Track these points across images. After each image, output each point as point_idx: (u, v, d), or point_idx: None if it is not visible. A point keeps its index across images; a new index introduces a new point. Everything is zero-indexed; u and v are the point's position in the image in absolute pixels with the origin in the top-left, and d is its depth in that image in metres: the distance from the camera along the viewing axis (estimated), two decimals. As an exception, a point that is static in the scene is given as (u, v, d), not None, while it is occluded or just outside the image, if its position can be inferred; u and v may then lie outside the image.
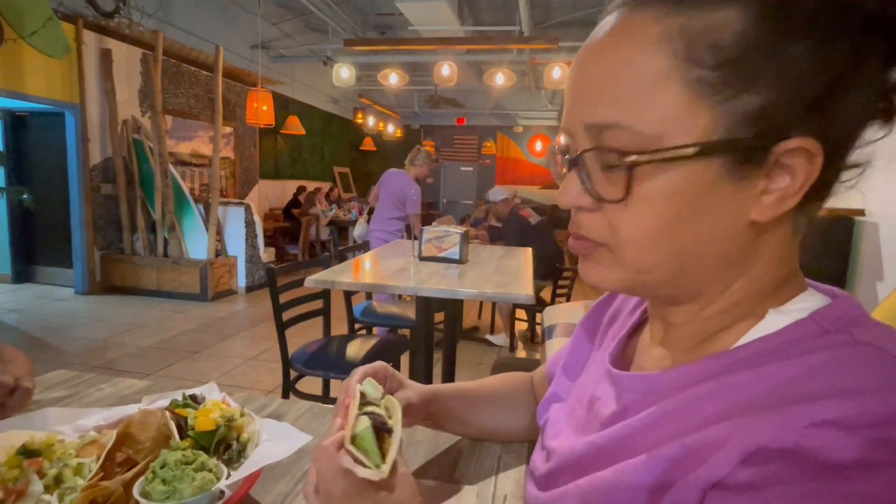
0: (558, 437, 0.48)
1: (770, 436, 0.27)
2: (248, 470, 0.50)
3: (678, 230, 0.33)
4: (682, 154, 0.30)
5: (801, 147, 0.30)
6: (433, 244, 2.27)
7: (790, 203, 0.31)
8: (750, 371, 0.33)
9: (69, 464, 0.47)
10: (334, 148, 10.44)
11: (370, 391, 0.48)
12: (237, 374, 3.09)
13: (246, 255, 5.19)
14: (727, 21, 0.29)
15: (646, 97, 0.31)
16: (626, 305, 0.54)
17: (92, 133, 4.67)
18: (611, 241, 0.35)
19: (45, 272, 5.09)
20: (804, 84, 0.29)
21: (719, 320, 0.37)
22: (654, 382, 0.39)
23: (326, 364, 1.88)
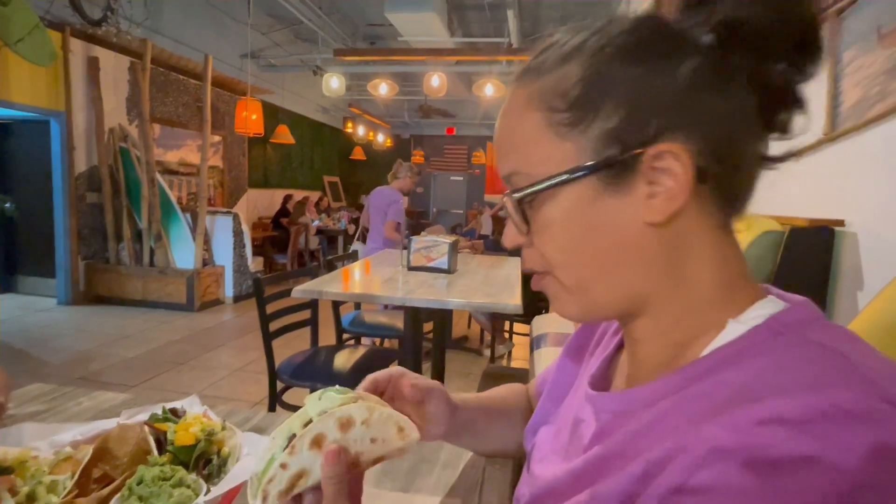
0: (543, 462, 0.48)
1: (720, 439, 0.28)
2: (227, 485, 0.49)
3: (587, 245, 0.37)
4: (558, 181, 0.36)
5: (665, 150, 0.34)
6: (422, 254, 2.27)
7: (679, 200, 0.34)
8: (708, 380, 0.34)
9: (42, 481, 0.46)
10: (324, 157, 10.43)
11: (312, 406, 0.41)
12: (223, 385, 3.05)
13: (234, 265, 5.14)
14: (568, 74, 0.36)
15: (529, 147, 0.38)
16: (611, 326, 0.54)
17: (78, 141, 4.62)
18: (547, 266, 0.40)
19: (28, 282, 5.00)
20: (650, 100, 0.34)
21: (679, 332, 0.39)
22: (625, 401, 0.40)
23: (314, 375, 1.86)
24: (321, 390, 0.43)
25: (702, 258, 0.37)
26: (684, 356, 0.38)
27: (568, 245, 0.38)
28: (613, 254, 0.37)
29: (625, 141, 0.34)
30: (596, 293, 0.38)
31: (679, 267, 0.37)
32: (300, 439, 0.38)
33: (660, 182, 0.35)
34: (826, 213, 1.28)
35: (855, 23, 1.22)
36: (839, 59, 1.27)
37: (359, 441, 0.40)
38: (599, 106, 0.35)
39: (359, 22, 6.82)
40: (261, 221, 7.51)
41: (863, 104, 1.16)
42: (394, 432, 0.42)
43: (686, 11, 0.36)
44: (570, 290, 0.39)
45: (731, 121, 0.35)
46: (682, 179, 0.34)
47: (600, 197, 0.36)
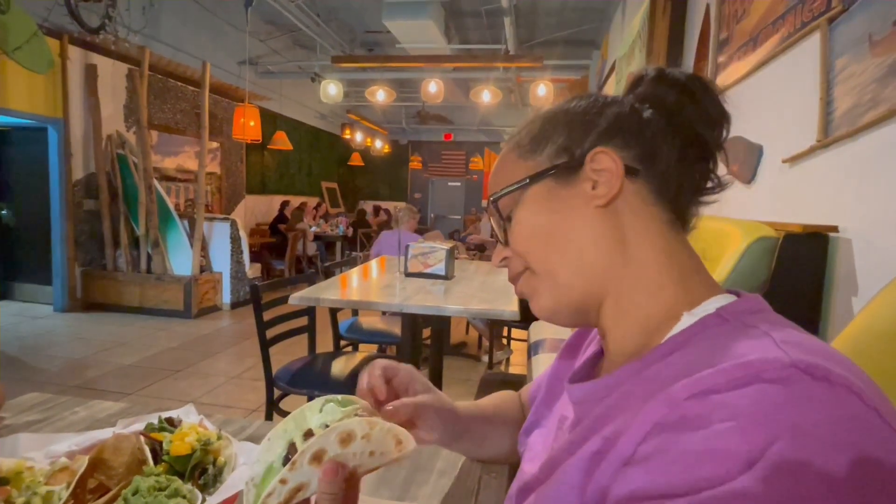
0: (533, 461, 0.50)
1: (660, 413, 0.32)
2: (223, 495, 0.49)
3: (551, 231, 0.45)
4: (521, 184, 0.46)
5: (600, 152, 0.43)
6: (419, 260, 2.27)
7: (615, 187, 0.43)
8: (661, 363, 0.38)
9: (38, 492, 0.46)
10: (322, 163, 10.45)
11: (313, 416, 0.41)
12: (220, 392, 3.04)
13: (231, 271, 5.13)
14: (532, 123, 0.49)
15: (504, 172, 0.49)
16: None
17: (75, 148, 4.62)
18: (523, 263, 0.47)
19: (24, 289, 4.98)
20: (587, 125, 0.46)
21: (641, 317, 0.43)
22: (594, 388, 0.44)
23: (311, 382, 1.86)
24: (323, 399, 0.43)
25: (646, 241, 0.43)
26: (647, 346, 0.42)
27: (534, 234, 0.46)
28: (571, 235, 0.44)
29: (570, 151, 0.45)
30: (562, 275, 0.45)
31: (626, 245, 0.43)
32: (301, 455, 0.37)
33: (599, 178, 0.44)
34: (820, 220, 1.29)
35: (846, 31, 1.23)
36: (831, 66, 1.28)
37: (358, 454, 0.41)
38: (551, 135, 0.47)
39: (357, 29, 6.86)
40: (258, 228, 7.51)
41: (855, 111, 1.17)
42: (392, 445, 0.43)
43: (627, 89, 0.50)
44: (541, 278, 0.46)
45: (650, 142, 0.45)
46: (615, 171, 0.43)
47: (555, 191, 0.45)
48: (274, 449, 0.40)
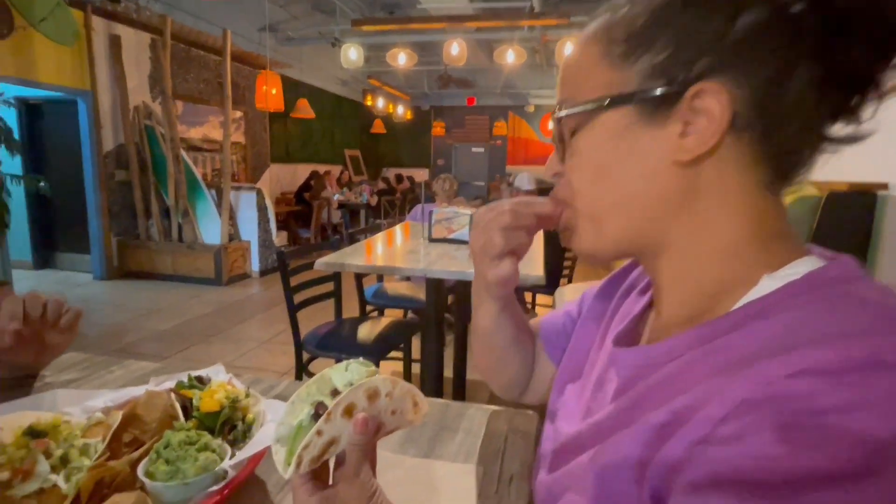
0: (568, 419, 0.48)
1: (749, 389, 0.28)
2: (252, 450, 0.50)
3: (612, 173, 0.38)
4: (599, 104, 0.37)
5: (706, 90, 0.34)
6: (443, 225, 2.25)
7: (710, 143, 0.34)
8: (736, 333, 0.34)
9: (75, 444, 0.48)
10: (344, 131, 10.40)
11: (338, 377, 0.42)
12: (252, 356, 3.14)
13: (259, 240, 5.23)
14: (632, 12, 0.37)
15: (582, 75, 0.39)
16: (639, 282, 0.53)
17: (104, 120, 4.70)
18: (571, 195, 0.41)
19: (65, 258, 5.19)
20: (701, 41, 0.34)
21: (705, 280, 0.38)
22: (647, 355, 0.40)
23: (338, 345, 1.89)
24: (346, 362, 0.44)
25: (728, 208, 0.37)
26: (712, 311, 0.38)
27: (595, 172, 0.39)
28: (635, 185, 0.38)
29: (669, 75, 0.35)
30: (611, 223, 0.40)
31: (699, 211, 0.37)
32: (336, 406, 0.39)
33: (695, 122, 0.35)
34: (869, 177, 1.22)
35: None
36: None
37: (382, 412, 0.42)
38: (653, 41, 0.36)
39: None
40: (284, 196, 7.59)
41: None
42: (410, 406, 0.44)
43: None
44: (587, 219, 0.41)
45: (784, 81, 0.33)
46: (717, 122, 0.34)
47: (634, 127, 0.36)
48: (298, 411, 0.41)
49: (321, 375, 0.43)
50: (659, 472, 0.32)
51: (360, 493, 0.39)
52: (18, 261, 4.70)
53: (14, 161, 4.08)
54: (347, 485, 0.39)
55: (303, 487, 0.40)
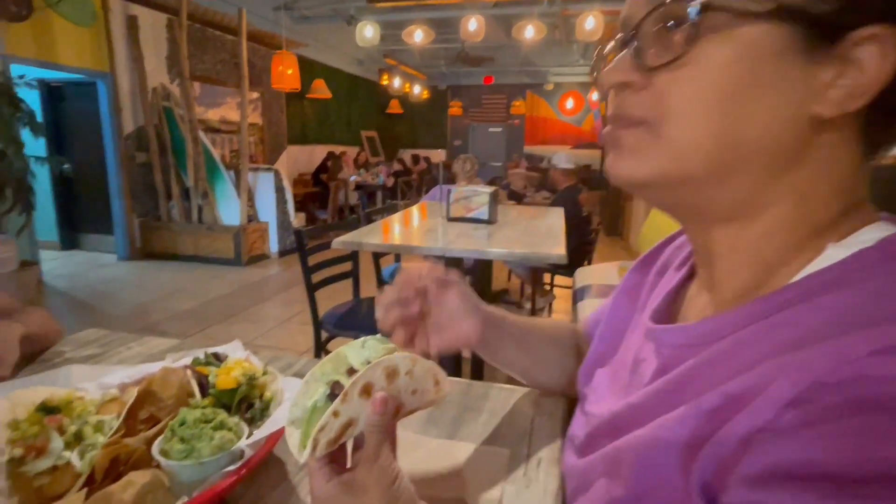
0: (600, 402, 0.45)
1: (825, 369, 0.25)
2: (269, 429, 0.48)
3: (731, 104, 0.30)
4: (755, 9, 0.29)
5: (877, 35, 0.27)
6: (461, 204, 2.21)
7: (858, 101, 0.29)
8: (802, 306, 0.30)
9: (89, 421, 0.46)
10: (361, 111, 10.34)
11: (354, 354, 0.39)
12: (272, 336, 3.18)
13: (277, 221, 5.25)
14: None
15: None
16: (675, 258, 0.50)
17: (124, 102, 4.73)
18: (654, 115, 0.33)
19: (89, 239, 5.30)
20: None
21: (770, 250, 0.34)
22: (694, 333, 0.36)
23: (356, 325, 1.88)
24: (362, 339, 0.41)
25: (828, 179, 0.32)
26: (768, 283, 0.34)
27: (709, 94, 0.30)
28: (748, 129, 0.30)
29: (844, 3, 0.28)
30: (691, 165, 0.32)
31: (799, 177, 0.32)
32: (352, 386, 0.36)
33: (848, 74, 0.29)
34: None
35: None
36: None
37: (402, 392, 0.40)
38: None
39: (392, -35, 6.51)
40: (301, 178, 7.61)
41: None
42: (431, 385, 0.42)
43: None
44: (661, 150, 0.33)
45: None
46: (875, 78, 0.28)
47: (787, 55, 0.29)
48: (312, 392, 0.39)
49: (336, 353, 0.40)
50: (710, 461, 0.28)
51: (380, 477, 0.36)
52: (46, 241, 4.80)
53: (38, 143, 4.13)
54: (367, 469, 0.37)
55: (319, 472, 0.38)
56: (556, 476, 0.51)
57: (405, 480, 0.37)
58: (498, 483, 0.50)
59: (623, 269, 2.84)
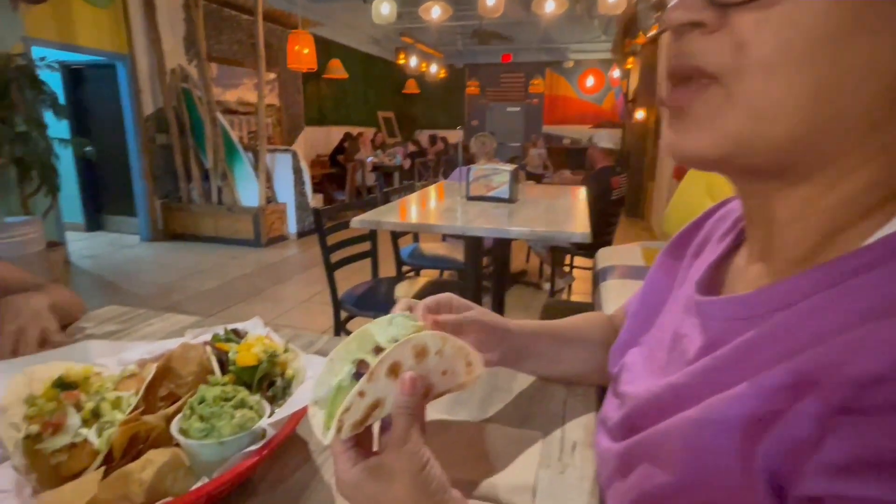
0: (634, 383, 0.42)
1: None
2: (292, 408, 0.46)
3: (832, 51, 0.26)
4: None
5: None
6: (481, 183, 2.17)
7: None
8: (877, 271, 0.27)
9: (107, 397, 0.45)
10: (377, 92, 10.24)
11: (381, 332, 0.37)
12: (292, 315, 3.20)
13: (295, 202, 5.26)
14: None
15: None
16: (716, 231, 0.46)
17: (143, 83, 4.75)
18: (732, 66, 0.27)
19: (113, 221, 5.39)
20: None
21: (843, 216, 0.30)
22: (749, 305, 0.33)
23: (375, 304, 1.87)
24: (389, 316, 0.38)
25: None
26: (835, 248, 0.30)
27: (805, 39, 0.25)
28: (849, 81, 0.26)
29: None
30: (776, 129, 0.28)
31: (890, 139, 0.28)
32: (379, 365, 0.33)
33: None
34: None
35: None
36: None
37: (431, 372, 0.37)
38: None
39: (408, -61, 6.35)
40: (318, 159, 7.60)
41: None
42: (462, 366, 0.39)
43: None
44: (740, 112, 0.28)
45: None
46: None
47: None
48: (337, 370, 0.36)
49: (362, 331, 0.38)
50: (779, 445, 0.25)
51: (409, 462, 0.34)
52: (71, 223, 4.90)
53: (61, 125, 4.18)
54: (395, 453, 0.34)
55: (344, 455, 0.35)
56: (592, 461, 0.48)
57: (436, 466, 0.35)
58: (531, 468, 0.47)
59: (647, 250, 2.77)
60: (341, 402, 0.34)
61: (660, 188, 5.68)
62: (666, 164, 5.38)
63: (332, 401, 0.35)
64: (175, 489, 0.40)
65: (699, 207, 0.46)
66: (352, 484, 0.35)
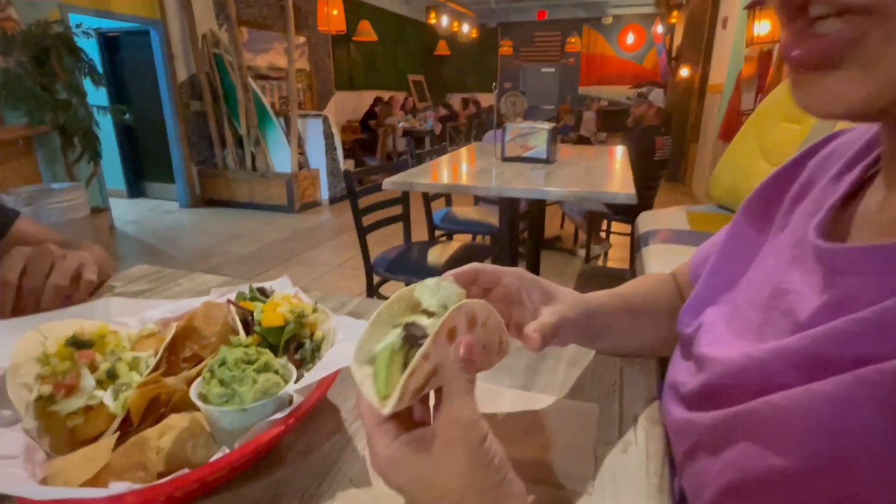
0: (717, 345, 0.36)
1: None
2: (321, 372, 0.42)
3: None
4: None
5: None
6: (517, 143, 2.06)
7: None
8: None
9: (123, 357, 0.41)
10: (408, 54, 10.00)
11: (429, 295, 0.33)
12: (325, 280, 3.22)
13: (327, 168, 5.25)
14: None
15: None
16: (823, 171, 0.39)
17: (175, 49, 4.75)
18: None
19: (154, 187, 5.53)
20: None
21: None
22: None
23: (408, 269, 1.84)
24: (436, 279, 0.34)
25: None
26: None
27: None
28: None
29: None
30: None
31: None
32: (443, 326, 0.30)
33: None
34: None
35: None
36: None
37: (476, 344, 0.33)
38: None
39: None
40: (349, 125, 7.54)
41: None
42: (496, 344, 0.36)
43: None
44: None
45: None
46: None
47: None
48: (381, 334, 0.32)
49: (406, 293, 0.33)
50: None
51: (466, 433, 0.29)
52: (114, 190, 5.04)
53: (99, 93, 4.24)
54: (449, 423, 0.29)
55: (381, 428, 0.30)
56: (660, 439, 0.42)
57: (496, 441, 0.30)
58: (588, 444, 0.42)
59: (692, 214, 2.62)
60: (397, 366, 0.30)
61: (703, 151, 5.38)
62: (711, 126, 5.07)
63: (387, 365, 0.30)
64: (195, 458, 0.37)
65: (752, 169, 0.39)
66: (392, 460, 0.30)
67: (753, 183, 0.44)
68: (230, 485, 0.39)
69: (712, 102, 5.19)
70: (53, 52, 3.40)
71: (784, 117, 2.35)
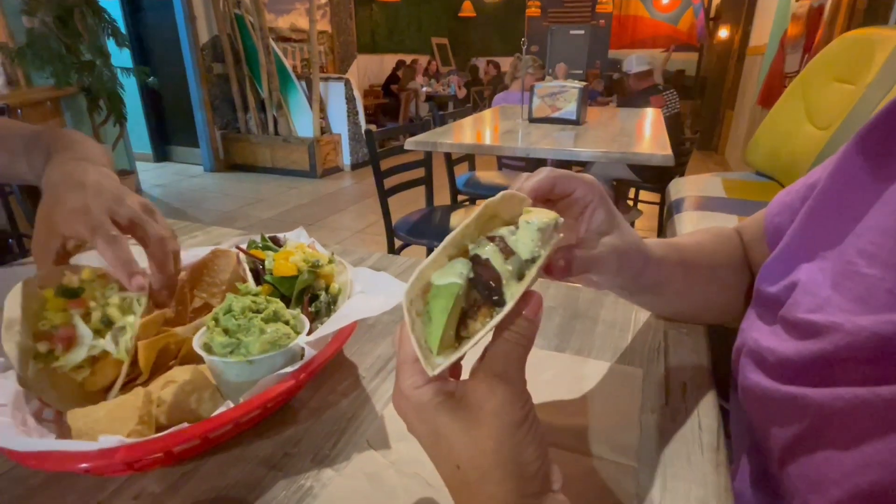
0: (827, 310, 0.30)
1: None
2: (337, 324, 0.38)
3: None
4: None
5: None
6: (546, 102, 1.97)
7: None
8: None
9: (110, 302, 0.38)
10: (431, 16, 9.68)
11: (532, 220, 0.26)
12: (347, 244, 3.21)
13: (349, 133, 5.18)
14: None
15: None
16: None
17: (197, 10, 4.68)
18: None
19: (179, 151, 5.56)
20: None
21: None
22: None
23: (429, 233, 1.79)
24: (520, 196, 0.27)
25: None
26: None
27: None
28: None
29: None
30: None
31: None
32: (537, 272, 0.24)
33: None
34: None
35: None
36: None
37: None
38: None
39: None
40: (372, 89, 7.41)
41: None
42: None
43: None
44: None
45: None
46: None
47: None
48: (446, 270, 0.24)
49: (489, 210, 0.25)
50: None
51: (503, 407, 0.24)
52: (140, 154, 5.09)
53: (122, 54, 4.23)
54: (488, 387, 0.24)
55: (415, 365, 0.24)
56: (713, 408, 0.38)
57: (539, 427, 0.25)
58: (633, 412, 0.37)
59: (728, 181, 2.49)
60: (455, 314, 0.24)
61: (739, 118, 5.11)
62: (749, 91, 4.79)
63: (444, 310, 0.23)
64: (200, 412, 0.34)
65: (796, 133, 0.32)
66: (417, 405, 0.25)
67: (797, 148, 0.36)
68: (237, 442, 0.36)
69: (752, 66, 4.90)
70: (77, 12, 3.37)
71: (835, 77, 2.18)
